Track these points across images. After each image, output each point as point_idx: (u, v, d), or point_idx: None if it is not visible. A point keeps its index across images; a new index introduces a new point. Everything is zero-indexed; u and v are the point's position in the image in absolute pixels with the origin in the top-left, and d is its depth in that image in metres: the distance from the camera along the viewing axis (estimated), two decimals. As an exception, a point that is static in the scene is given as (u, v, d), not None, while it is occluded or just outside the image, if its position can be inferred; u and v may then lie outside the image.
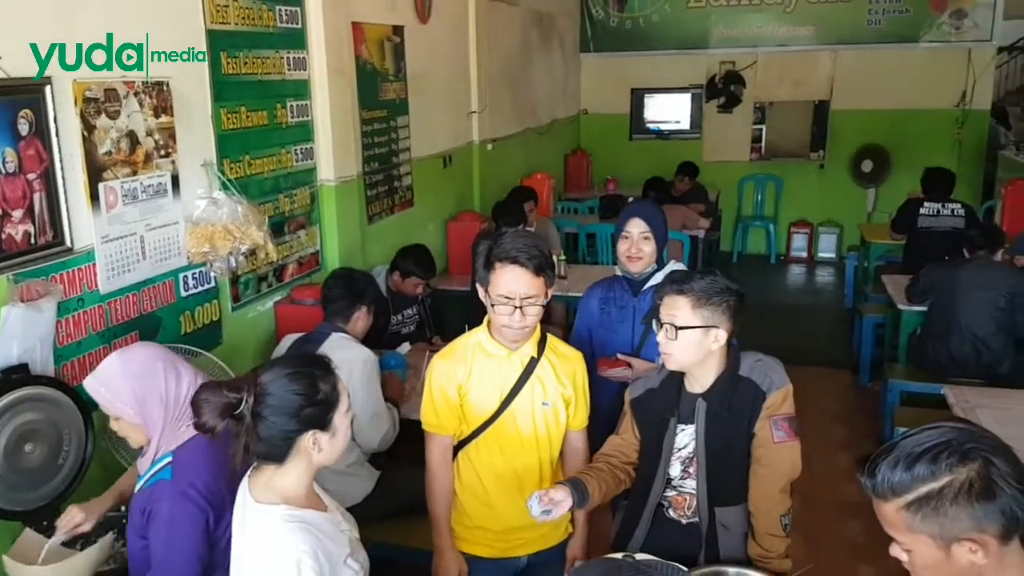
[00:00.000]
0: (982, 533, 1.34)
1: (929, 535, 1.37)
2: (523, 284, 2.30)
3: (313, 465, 1.90)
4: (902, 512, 1.38)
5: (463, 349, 2.47)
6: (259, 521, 1.85)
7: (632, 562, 0.92)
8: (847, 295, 7.76)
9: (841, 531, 4.09)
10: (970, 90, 8.89)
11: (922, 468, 1.36)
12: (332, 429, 1.88)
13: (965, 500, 1.33)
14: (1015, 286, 4.49)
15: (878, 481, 1.40)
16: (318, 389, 1.85)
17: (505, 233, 2.38)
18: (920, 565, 1.42)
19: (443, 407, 2.46)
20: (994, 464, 1.33)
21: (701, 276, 2.27)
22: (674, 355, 2.26)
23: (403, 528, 3.20)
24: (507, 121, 7.21)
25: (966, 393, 3.82)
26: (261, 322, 3.92)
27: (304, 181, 4.20)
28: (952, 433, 1.37)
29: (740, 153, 9.84)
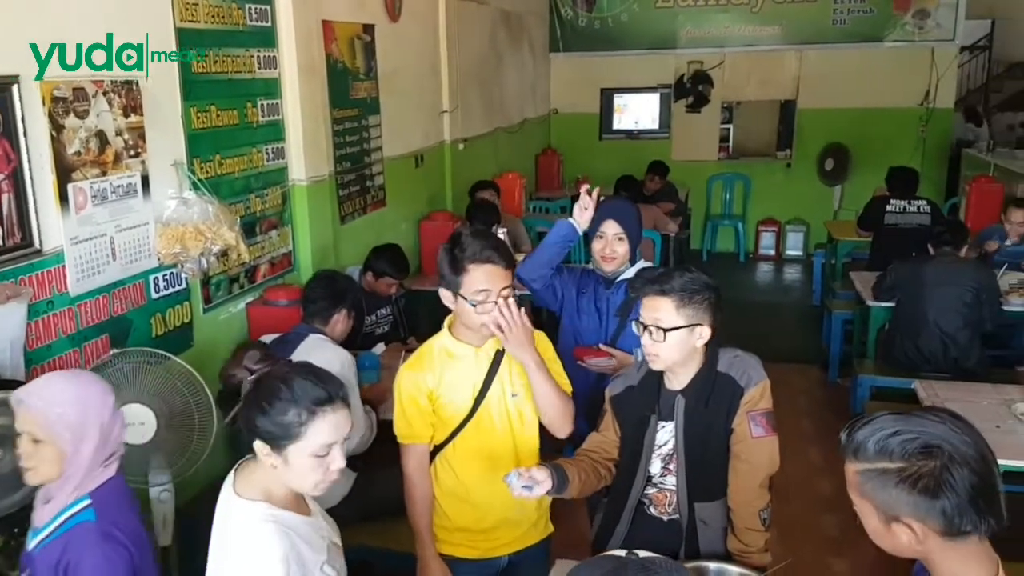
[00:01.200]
0: (921, 524, 1.38)
1: (873, 505, 1.43)
2: (498, 278, 2.32)
3: (278, 477, 1.86)
4: (857, 476, 1.44)
5: (428, 356, 2.46)
6: (239, 517, 1.84)
7: (637, 559, 0.93)
8: (815, 292, 7.85)
9: (815, 525, 4.13)
10: (933, 89, 9.04)
11: (888, 446, 1.40)
12: (284, 456, 1.81)
13: (909, 488, 1.37)
14: (980, 281, 4.58)
15: (850, 441, 1.46)
16: (284, 414, 1.79)
17: (463, 235, 2.36)
18: (868, 529, 1.49)
19: (415, 417, 2.45)
20: (951, 471, 1.36)
21: (679, 274, 2.28)
22: (661, 356, 2.27)
23: (380, 530, 3.18)
24: (478, 121, 7.21)
25: (935, 387, 3.88)
26: (233, 324, 3.88)
27: (275, 181, 4.17)
28: (934, 427, 1.40)
29: (708, 152, 9.93)
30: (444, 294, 2.39)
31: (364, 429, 3.29)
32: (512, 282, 2.37)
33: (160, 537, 2.95)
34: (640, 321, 2.28)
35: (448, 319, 2.47)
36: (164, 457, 2.87)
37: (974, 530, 1.37)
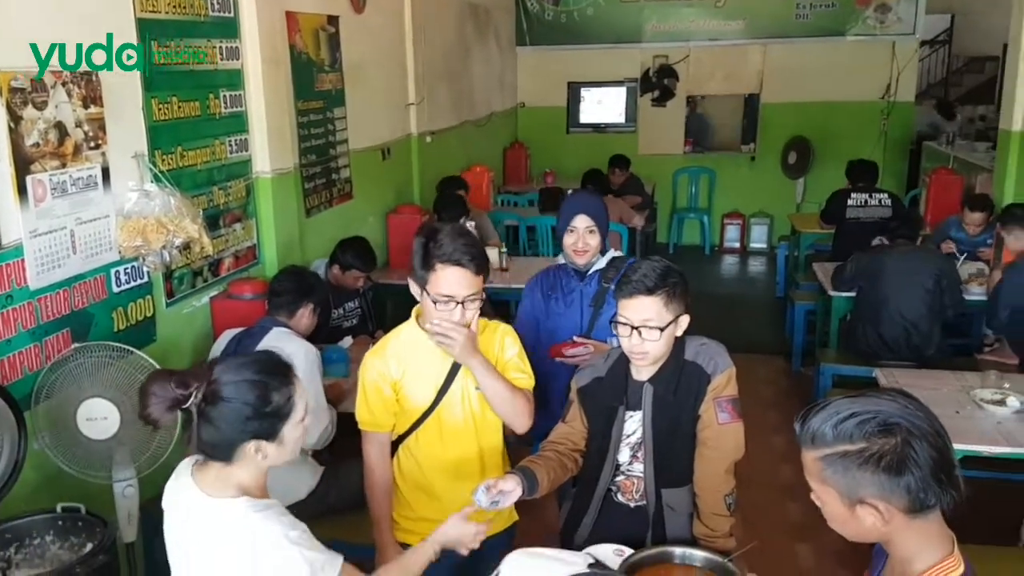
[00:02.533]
0: (886, 503, 1.40)
1: (837, 491, 1.44)
2: (465, 284, 2.31)
3: (262, 468, 1.86)
4: (818, 463, 1.45)
5: (393, 345, 2.46)
6: (223, 518, 1.79)
7: (601, 572, 0.89)
8: (779, 284, 7.95)
9: (779, 512, 4.20)
10: (894, 83, 9.18)
11: (846, 429, 1.41)
12: (280, 439, 1.82)
13: (873, 468, 1.39)
14: (941, 268, 4.66)
15: (805, 429, 1.47)
16: (269, 400, 1.78)
17: (441, 231, 2.35)
18: (830, 516, 1.50)
19: (378, 405, 2.45)
20: (912, 445, 1.38)
21: (654, 269, 2.28)
22: (651, 353, 2.28)
23: (348, 523, 3.16)
24: (445, 114, 7.19)
25: (896, 375, 3.95)
26: (197, 318, 3.84)
27: (239, 173, 4.12)
28: (887, 406, 1.42)
29: (674, 146, 10.00)
30: (412, 284, 2.39)
31: (326, 422, 3.27)
32: (480, 290, 2.35)
33: (125, 533, 2.92)
34: (625, 323, 2.27)
35: (416, 309, 2.46)
36: (128, 452, 2.84)
37: (937, 503, 1.39)
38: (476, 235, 5.75)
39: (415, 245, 2.37)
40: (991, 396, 3.56)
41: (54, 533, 2.65)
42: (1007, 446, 3.24)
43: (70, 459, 2.80)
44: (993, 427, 3.38)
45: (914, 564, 1.44)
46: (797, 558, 3.93)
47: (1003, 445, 3.25)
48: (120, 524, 2.89)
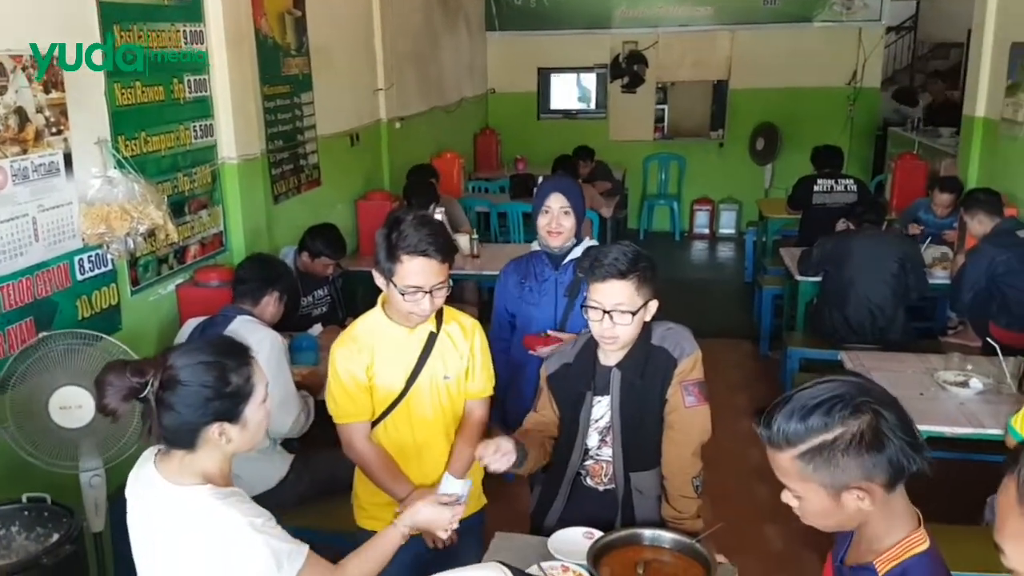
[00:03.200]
0: (870, 481, 1.41)
1: (820, 483, 1.43)
2: (432, 273, 2.30)
3: (226, 453, 1.84)
4: (796, 461, 1.44)
5: (362, 333, 2.44)
6: (188, 506, 1.77)
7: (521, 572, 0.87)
8: (747, 269, 8.02)
9: (747, 493, 4.25)
10: (860, 69, 9.27)
11: (816, 420, 1.41)
12: (243, 421, 1.80)
13: (856, 451, 1.39)
14: (905, 252, 4.73)
15: (774, 431, 1.45)
16: (228, 381, 1.76)
17: (403, 222, 2.32)
18: (810, 511, 1.49)
19: (356, 392, 2.42)
20: (883, 416, 1.40)
21: (624, 253, 2.28)
22: (622, 337, 2.29)
23: (319, 511, 3.16)
24: (414, 99, 7.15)
25: (861, 357, 4.01)
26: (163, 306, 3.79)
27: (204, 159, 4.07)
28: (844, 387, 1.43)
29: (644, 132, 10.03)
30: (377, 277, 2.37)
31: (297, 412, 3.25)
32: (447, 276, 2.35)
33: (92, 523, 2.89)
34: (596, 307, 2.27)
35: (381, 297, 2.45)
36: (94, 442, 2.81)
37: (915, 466, 1.41)
38: (445, 222, 5.77)
39: (378, 237, 2.35)
40: (954, 378, 3.63)
41: (20, 524, 2.62)
42: (970, 427, 3.30)
43: (37, 449, 2.75)
44: (956, 408, 3.44)
45: (883, 541, 1.47)
46: (764, 539, 3.98)
47: (966, 426, 3.31)
48: (87, 514, 2.86)
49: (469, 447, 2.53)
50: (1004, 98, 5.74)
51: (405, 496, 2.45)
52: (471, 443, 2.53)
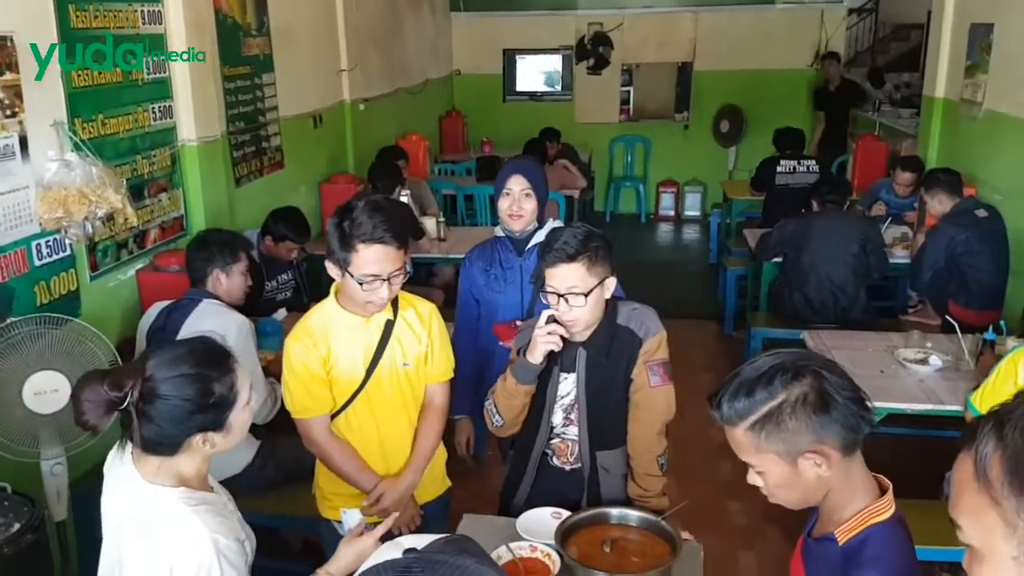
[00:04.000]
0: (822, 445, 1.44)
1: (775, 452, 1.46)
2: (389, 260, 2.27)
3: (207, 456, 1.82)
4: (748, 433, 1.47)
5: (317, 326, 2.41)
6: (159, 505, 1.74)
7: (419, 556, 0.86)
8: (711, 251, 8.08)
9: (711, 471, 4.30)
10: (823, 50, 9.33)
11: (760, 390, 1.45)
12: (227, 428, 1.78)
13: (802, 413, 1.43)
14: (865, 232, 4.79)
15: (724, 409, 1.49)
16: (211, 392, 1.72)
17: (355, 209, 2.28)
18: (773, 484, 1.52)
19: (314, 386, 2.39)
20: (825, 377, 1.44)
21: (574, 235, 2.27)
22: (581, 319, 2.28)
23: (284, 497, 3.15)
24: (378, 80, 7.08)
25: (823, 336, 4.06)
26: (123, 291, 3.73)
27: (163, 141, 4.00)
28: (784, 356, 1.49)
29: (610, 115, 10.03)
30: (331, 268, 2.32)
31: (264, 396, 3.23)
32: (404, 263, 2.32)
33: (55, 512, 2.85)
34: (552, 291, 2.27)
35: (334, 286, 2.42)
36: (55, 429, 2.76)
37: (864, 427, 1.45)
38: (412, 205, 5.73)
39: (329, 227, 2.30)
40: (914, 355, 3.69)
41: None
42: (929, 403, 3.36)
43: (7, 438, 2.70)
44: (916, 385, 3.50)
45: (844, 511, 1.50)
46: (728, 515, 4.04)
47: (926, 402, 3.37)
48: (49, 503, 2.82)
49: (432, 431, 2.55)
50: (963, 79, 5.81)
51: (372, 487, 2.45)
52: (434, 428, 2.56)
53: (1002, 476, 0.90)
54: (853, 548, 1.46)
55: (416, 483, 2.53)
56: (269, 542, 3.48)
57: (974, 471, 0.94)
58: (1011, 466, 0.89)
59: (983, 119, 5.49)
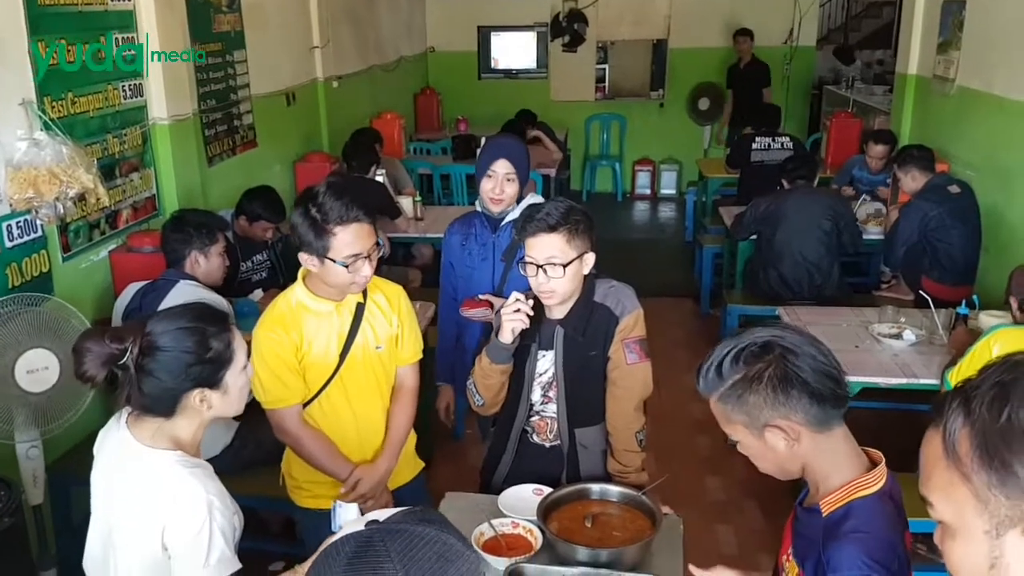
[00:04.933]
0: (787, 420, 1.48)
1: (742, 424, 1.53)
2: (366, 237, 2.27)
3: (204, 419, 1.83)
4: (718, 404, 1.55)
5: (287, 314, 2.38)
6: (154, 467, 1.76)
7: (380, 527, 0.91)
8: (688, 228, 8.11)
9: (689, 447, 4.34)
10: (797, 27, 9.36)
11: (728, 364, 1.51)
12: (223, 387, 1.80)
13: (759, 389, 1.48)
14: (836, 209, 4.82)
15: (701, 381, 1.56)
16: (209, 346, 1.75)
17: (317, 196, 2.26)
18: (750, 453, 1.58)
19: (287, 375, 2.37)
20: (788, 359, 1.48)
21: (557, 207, 2.29)
22: (558, 291, 2.29)
23: (263, 478, 3.13)
24: (352, 58, 7.01)
25: (798, 312, 4.10)
26: (96, 272, 3.68)
27: (134, 120, 3.94)
28: (761, 331, 1.53)
29: (585, 92, 9.99)
30: (307, 259, 2.30)
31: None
32: (376, 238, 2.33)
33: (31, 495, 2.82)
34: (531, 262, 2.27)
35: (302, 272, 2.39)
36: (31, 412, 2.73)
37: (834, 407, 1.47)
38: (387, 184, 5.69)
39: (296, 218, 2.28)
40: (888, 330, 3.73)
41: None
42: (904, 377, 3.41)
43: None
44: (890, 359, 3.55)
45: (829, 481, 1.52)
46: (707, 490, 4.08)
47: (900, 376, 3.41)
48: (25, 487, 2.79)
49: (405, 415, 2.56)
50: (936, 55, 5.85)
51: (347, 476, 2.44)
52: (406, 411, 2.57)
53: (971, 451, 0.91)
54: (833, 521, 1.48)
55: (392, 468, 2.53)
56: (249, 523, 3.49)
57: (943, 447, 0.94)
58: (979, 441, 0.90)
59: (955, 96, 5.53)
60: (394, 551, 0.93)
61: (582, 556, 1.99)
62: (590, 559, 1.99)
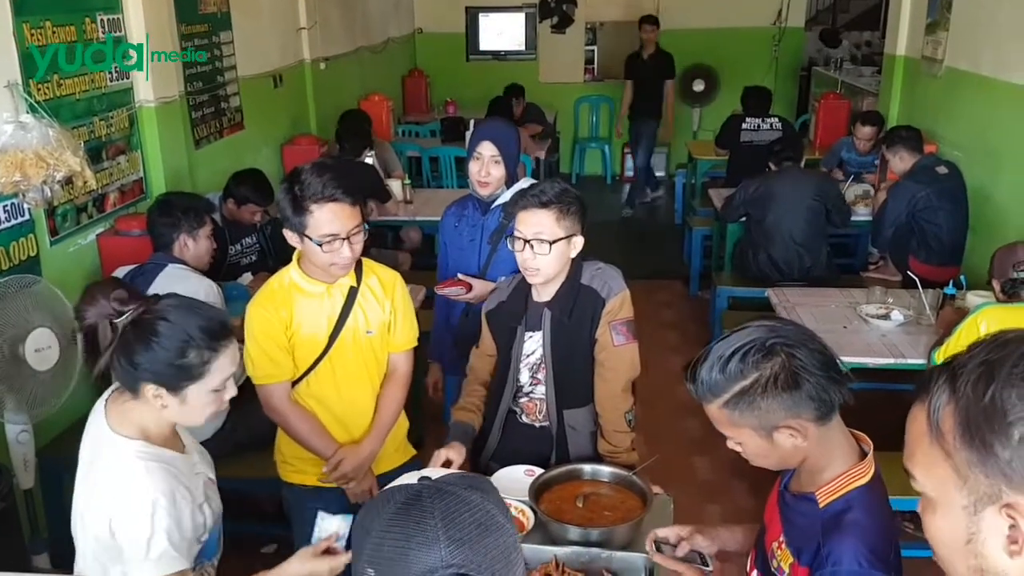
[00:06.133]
0: (797, 419, 1.46)
1: (750, 427, 1.49)
2: (345, 218, 2.26)
3: (162, 417, 1.81)
4: (723, 410, 1.50)
5: (279, 292, 2.39)
6: (114, 454, 1.77)
7: (430, 483, 0.95)
8: (677, 211, 8.11)
9: (679, 428, 4.37)
10: (785, 8, 9.33)
11: (733, 368, 1.46)
12: (181, 396, 1.77)
13: (774, 392, 1.45)
14: (823, 190, 4.84)
15: (698, 385, 1.51)
16: (185, 354, 1.74)
17: (302, 172, 2.27)
18: (751, 454, 1.56)
19: (276, 352, 2.38)
20: (795, 356, 1.45)
21: (552, 186, 2.31)
22: (543, 269, 2.30)
23: (255, 462, 3.13)
24: (339, 39, 6.95)
25: (787, 294, 4.12)
26: (84, 256, 3.66)
27: (121, 102, 3.91)
28: (757, 332, 1.49)
29: (574, 74, 9.94)
30: (289, 235, 2.31)
31: (236, 363, 3.21)
32: (361, 221, 2.32)
33: (22, 480, 2.82)
34: (519, 236, 2.28)
35: (296, 254, 2.40)
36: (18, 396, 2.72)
37: (839, 399, 1.47)
38: (377, 167, 5.66)
39: (280, 194, 2.30)
40: (876, 311, 3.76)
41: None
42: (891, 357, 3.44)
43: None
44: (878, 340, 3.58)
45: (824, 473, 1.52)
46: (696, 470, 4.11)
47: (888, 356, 3.44)
48: (16, 471, 2.79)
49: (394, 400, 2.56)
50: (924, 36, 5.85)
51: (331, 454, 2.45)
52: (396, 397, 2.57)
53: (954, 429, 0.92)
54: (833, 513, 1.48)
55: (376, 451, 2.53)
56: (241, 506, 3.50)
57: (927, 424, 0.95)
58: (962, 419, 0.91)
59: (943, 77, 5.55)
60: (438, 510, 0.97)
61: (573, 535, 2.01)
62: (581, 538, 2.00)
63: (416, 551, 0.94)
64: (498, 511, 1.00)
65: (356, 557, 1.00)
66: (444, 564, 0.93)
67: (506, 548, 0.97)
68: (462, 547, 0.94)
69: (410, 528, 0.96)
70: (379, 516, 1.00)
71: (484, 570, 0.94)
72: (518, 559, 1.00)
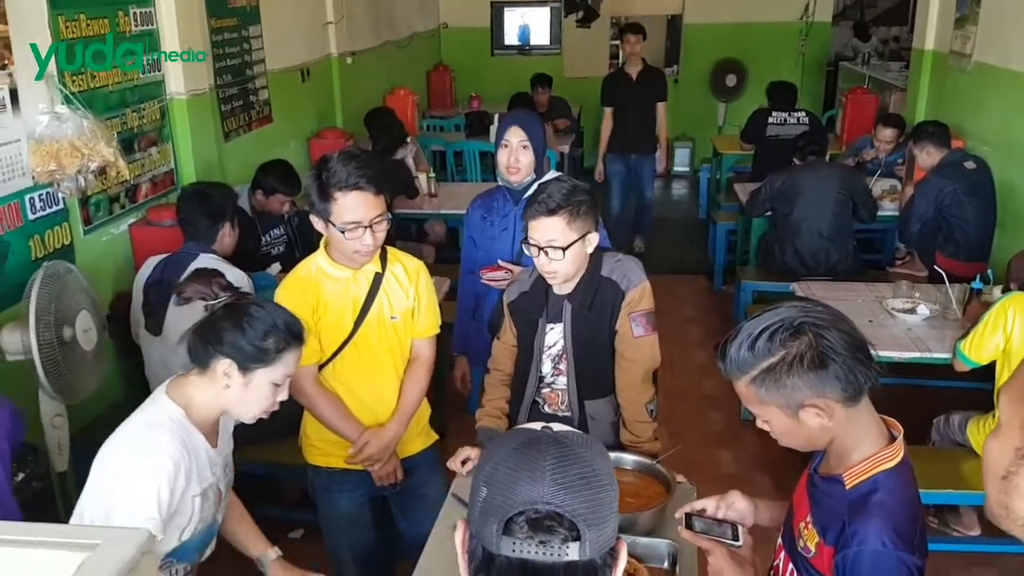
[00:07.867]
0: (824, 398, 1.47)
1: (777, 405, 1.51)
2: (369, 206, 2.30)
3: (219, 399, 1.90)
4: (750, 387, 1.52)
5: (306, 278, 2.45)
6: (154, 409, 1.89)
7: (550, 433, 1.05)
8: (701, 206, 8.09)
9: (702, 421, 4.37)
10: (812, 3, 9.26)
11: (761, 346, 1.48)
12: (248, 378, 1.88)
13: (800, 370, 1.46)
14: (848, 184, 4.82)
15: (728, 362, 1.53)
16: (266, 336, 1.88)
17: (330, 160, 2.32)
18: (778, 432, 1.58)
19: None
20: (823, 336, 1.46)
21: (558, 189, 2.29)
22: (560, 272, 2.32)
23: (279, 448, 3.17)
24: (365, 33, 7.00)
25: (813, 288, 4.11)
26: (117, 245, 3.73)
27: (152, 95, 3.97)
28: (787, 312, 1.50)
29: (600, 69, 9.89)
30: (316, 222, 2.36)
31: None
32: (384, 210, 2.35)
33: (56, 463, 2.88)
34: (533, 244, 2.30)
35: (323, 240, 2.45)
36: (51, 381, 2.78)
37: (866, 382, 1.48)
38: (410, 161, 5.68)
39: (309, 181, 2.36)
40: (902, 305, 3.74)
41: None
42: (917, 351, 3.43)
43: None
44: (904, 334, 3.57)
45: (851, 455, 1.53)
46: (719, 463, 4.11)
47: (913, 351, 3.43)
48: (51, 454, 2.85)
49: (417, 385, 2.60)
50: (953, 31, 5.80)
51: (357, 437, 2.50)
52: (419, 382, 2.61)
53: None
54: (860, 494, 1.49)
55: (400, 435, 2.57)
56: (267, 491, 3.55)
57: None
58: None
59: (972, 71, 5.49)
60: (550, 455, 1.06)
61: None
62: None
63: (523, 483, 1.04)
64: (604, 472, 1.09)
65: (476, 474, 1.11)
66: (543, 500, 1.03)
67: (601, 503, 1.06)
68: (562, 490, 1.03)
69: (523, 462, 1.06)
70: (503, 447, 1.11)
71: (577, 516, 1.03)
72: (610, 516, 1.08)
